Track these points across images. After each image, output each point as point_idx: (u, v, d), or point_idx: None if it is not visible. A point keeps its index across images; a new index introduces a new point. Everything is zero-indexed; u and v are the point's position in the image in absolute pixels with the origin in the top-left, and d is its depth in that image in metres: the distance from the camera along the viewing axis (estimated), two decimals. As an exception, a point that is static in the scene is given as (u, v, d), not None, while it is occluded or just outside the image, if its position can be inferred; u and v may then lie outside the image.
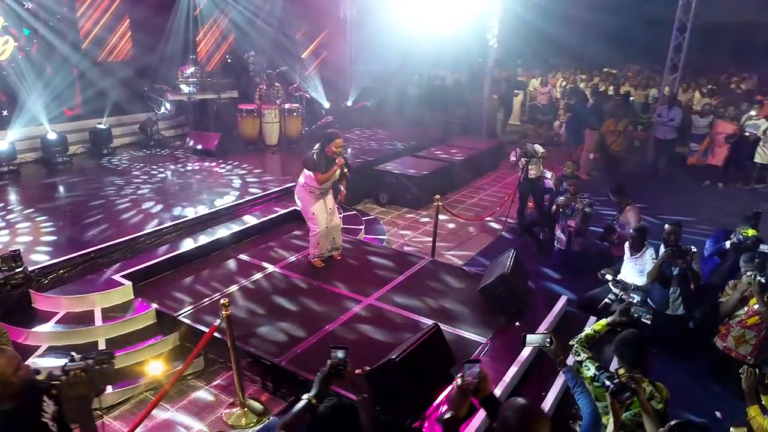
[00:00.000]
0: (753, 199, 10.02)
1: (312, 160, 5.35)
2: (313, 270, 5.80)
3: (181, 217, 6.50)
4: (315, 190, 5.52)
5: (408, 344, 3.88)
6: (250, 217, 6.92)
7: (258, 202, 7.33)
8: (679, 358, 4.98)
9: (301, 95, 10.55)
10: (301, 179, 5.60)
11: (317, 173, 5.36)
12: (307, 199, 5.57)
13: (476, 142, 11.83)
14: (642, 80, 14.79)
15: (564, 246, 6.70)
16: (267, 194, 7.52)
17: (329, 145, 5.33)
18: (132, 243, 5.82)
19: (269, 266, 5.86)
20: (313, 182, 5.45)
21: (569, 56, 20.04)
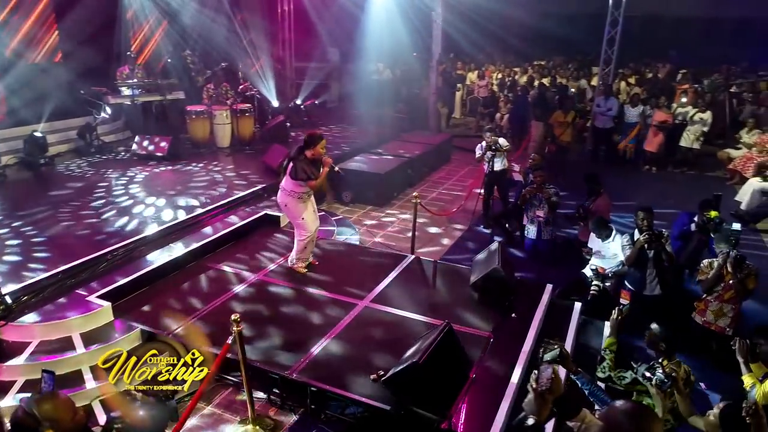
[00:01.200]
0: (685, 182, 10.90)
1: (302, 171, 5.16)
2: (297, 276, 5.66)
3: (147, 228, 6.14)
4: (303, 195, 5.38)
5: (425, 345, 3.89)
6: (220, 224, 6.65)
7: (225, 208, 7.04)
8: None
9: (253, 94, 10.20)
10: (285, 186, 5.40)
11: (311, 182, 5.22)
12: (295, 206, 5.40)
13: (428, 137, 11.97)
14: (573, 72, 15.54)
15: (534, 236, 6.95)
16: (234, 199, 7.24)
17: (314, 148, 5.20)
18: (100, 260, 5.42)
19: (251, 275, 5.65)
20: (300, 188, 5.30)
21: (499, 50, 20.76)
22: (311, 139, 5.25)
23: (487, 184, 7.90)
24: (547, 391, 2.30)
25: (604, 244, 5.84)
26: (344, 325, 4.76)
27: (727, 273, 4.75)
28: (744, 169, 10.44)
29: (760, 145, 10.28)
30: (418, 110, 14.11)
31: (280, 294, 5.34)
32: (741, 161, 10.54)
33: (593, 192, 6.58)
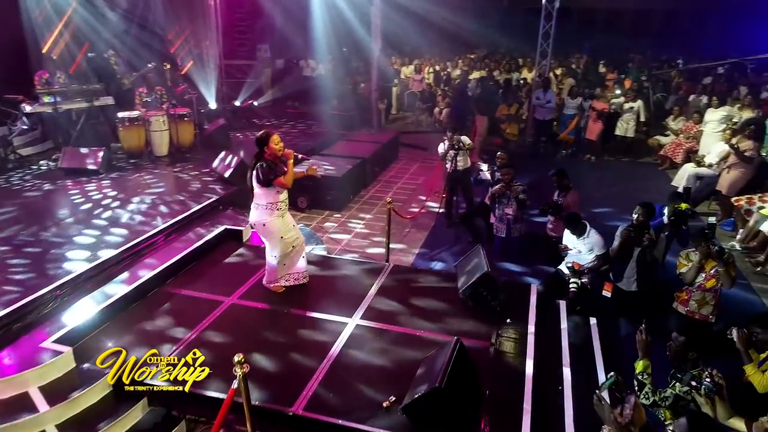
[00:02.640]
0: (622, 169, 11.43)
1: (267, 172, 4.73)
2: (276, 296, 5.27)
3: (93, 256, 5.48)
4: (280, 204, 4.95)
5: (440, 366, 3.70)
6: (177, 244, 6.08)
7: (180, 225, 6.46)
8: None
9: (191, 97, 9.47)
10: (258, 202, 4.95)
11: (279, 179, 4.78)
12: (276, 223, 4.96)
13: (376, 136, 11.76)
14: (506, 65, 15.86)
15: (504, 234, 6.94)
16: (189, 215, 6.66)
17: (267, 147, 4.77)
18: (47, 298, 4.75)
19: (224, 298, 5.19)
20: (275, 197, 4.88)
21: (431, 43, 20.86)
22: (262, 138, 4.82)
23: (449, 183, 7.81)
24: (631, 424, 2.18)
25: (579, 240, 5.91)
26: (339, 349, 4.46)
27: (709, 263, 4.93)
28: (674, 154, 11.11)
29: (686, 131, 10.96)
30: (355, 107, 13.81)
31: (261, 318, 4.94)
32: (670, 147, 11.19)
33: (563, 187, 6.65)
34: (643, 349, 3.66)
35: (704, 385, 2.89)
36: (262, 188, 4.82)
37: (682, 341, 3.34)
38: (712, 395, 2.86)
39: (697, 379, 2.99)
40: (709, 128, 9.93)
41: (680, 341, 3.35)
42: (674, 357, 3.42)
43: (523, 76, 15.30)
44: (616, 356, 4.95)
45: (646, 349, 3.67)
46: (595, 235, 5.84)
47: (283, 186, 4.85)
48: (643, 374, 3.61)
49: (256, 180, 4.79)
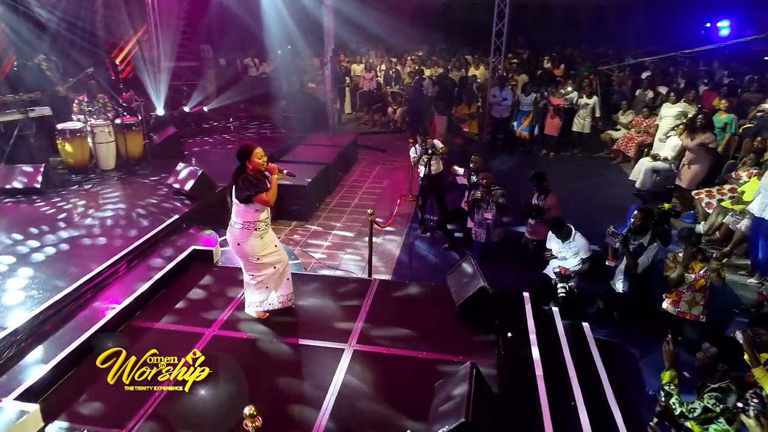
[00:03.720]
0: (578, 164, 11.64)
1: (247, 187, 4.34)
2: (260, 324, 4.88)
3: (47, 293, 4.89)
4: (259, 224, 4.54)
5: (460, 395, 3.49)
6: (142, 271, 5.56)
7: (143, 248, 5.91)
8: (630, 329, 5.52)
9: (139, 104, 8.75)
10: (236, 220, 4.55)
11: (260, 196, 4.37)
12: (252, 244, 4.53)
13: (335, 139, 11.40)
14: (456, 62, 15.85)
15: (483, 239, 6.83)
16: (151, 237, 6.10)
17: (249, 161, 4.38)
18: (2, 346, 4.16)
19: (204, 330, 4.76)
20: (254, 215, 4.47)
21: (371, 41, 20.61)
22: (244, 151, 4.41)
23: (423, 188, 7.63)
24: None
25: (564, 244, 5.88)
26: (341, 379, 4.16)
27: (697, 264, 4.99)
28: (626, 149, 11.43)
29: (636, 125, 11.31)
30: (306, 109, 13.35)
31: (249, 350, 4.55)
32: (623, 141, 11.51)
33: (542, 190, 6.60)
34: (670, 359, 3.61)
35: (752, 406, 2.83)
36: (240, 205, 4.43)
37: (713, 353, 3.29)
38: (762, 415, 2.81)
39: (743, 401, 2.93)
40: (665, 123, 10.23)
41: (711, 353, 3.30)
42: (703, 368, 3.37)
43: (472, 73, 15.37)
44: (614, 362, 4.94)
45: (672, 360, 3.62)
46: (580, 238, 5.83)
47: (265, 203, 4.47)
48: (670, 384, 3.56)
49: (237, 196, 4.41)
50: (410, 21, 18.69)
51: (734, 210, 7.24)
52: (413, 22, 19.32)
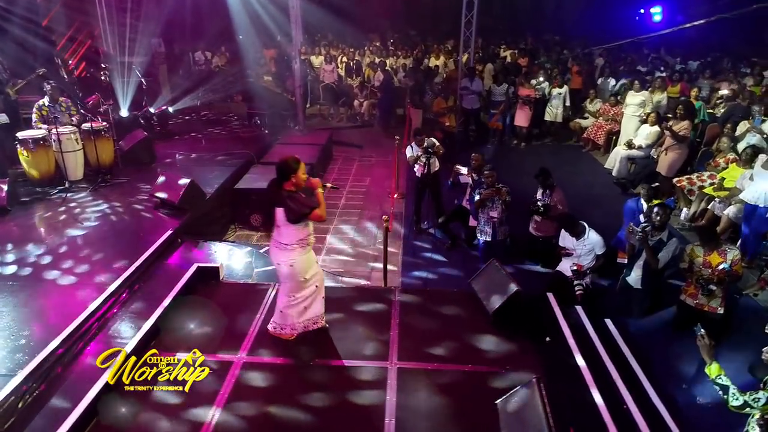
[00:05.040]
0: (550, 153, 11.80)
1: (300, 207, 4.06)
2: (289, 346, 4.60)
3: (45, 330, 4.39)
4: (310, 238, 4.31)
5: (537, 416, 3.40)
6: (145, 298, 5.10)
7: (138, 274, 5.43)
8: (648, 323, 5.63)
9: (107, 107, 8.02)
10: (283, 241, 4.22)
11: (315, 213, 4.12)
12: (303, 261, 4.28)
13: (311, 137, 11.02)
14: (418, 53, 15.69)
15: (490, 237, 6.77)
16: (147, 258, 5.61)
17: (296, 175, 4.09)
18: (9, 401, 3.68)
19: (232, 357, 4.42)
20: (304, 232, 4.22)
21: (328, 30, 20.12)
22: (287, 166, 4.09)
23: (420, 187, 7.46)
24: None
25: (579, 242, 5.90)
26: (395, 402, 3.97)
27: (715, 258, 5.12)
28: (596, 137, 11.72)
29: (604, 113, 11.60)
30: (270, 104, 12.82)
31: (286, 376, 4.26)
32: (592, 130, 11.79)
33: (547, 186, 6.60)
34: (709, 353, 3.62)
35: None
36: (291, 226, 4.13)
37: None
38: None
39: None
40: (630, 111, 10.53)
41: None
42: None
43: (433, 63, 15.26)
44: (646, 356, 5.00)
45: (711, 352, 3.64)
46: (594, 235, 5.86)
47: (320, 219, 4.25)
48: (720, 377, 3.58)
49: (287, 217, 4.09)
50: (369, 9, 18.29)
51: (718, 196, 7.54)
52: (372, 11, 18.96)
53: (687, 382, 4.79)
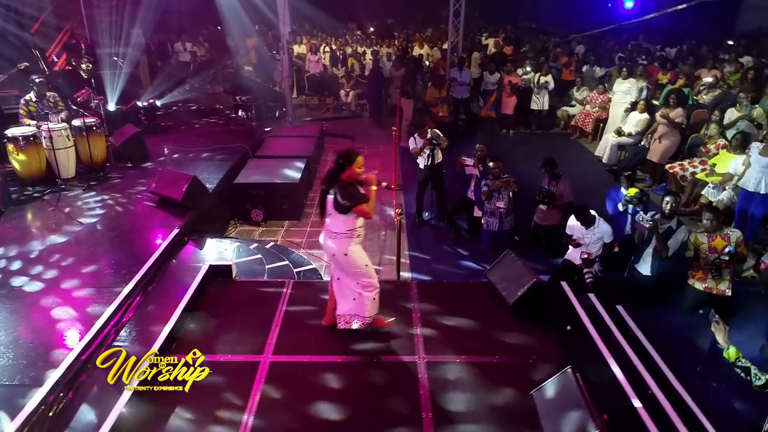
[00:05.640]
0: (539, 142, 11.91)
1: (349, 198, 4.05)
2: (314, 343, 4.56)
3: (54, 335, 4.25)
4: (359, 230, 4.30)
5: (579, 404, 3.46)
6: (160, 300, 4.99)
7: (152, 273, 5.29)
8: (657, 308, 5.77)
9: (98, 102, 7.74)
10: (336, 230, 4.22)
11: (361, 207, 4.09)
12: (356, 252, 4.30)
13: (303, 129, 10.87)
14: (403, 42, 15.62)
15: (496, 227, 6.82)
16: (155, 260, 5.46)
17: (351, 168, 4.10)
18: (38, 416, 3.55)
19: (258, 357, 4.36)
20: (354, 222, 4.21)
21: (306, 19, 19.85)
22: (345, 158, 4.13)
23: (424, 179, 7.45)
24: None
25: (588, 231, 5.99)
26: (430, 395, 3.97)
27: (720, 242, 5.27)
28: (584, 124, 11.88)
29: (591, 101, 11.75)
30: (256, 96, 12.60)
31: (316, 374, 4.22)
32: (580, 118, 11.94)
33: (553, 176, 6.67)
34: (724, 337, 3.72)
35: None
36: (340, 215, 4.13)
37: None
38: None
39: None
40: (617, 99, 10.70)
41: None
42: None
43: (417, 53, 15.22)
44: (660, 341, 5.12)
45: (727, 337, 3.74)
46: (603, 224, 5.96)
47: (365, 215, 4.21)
48: (740, 360, 3.68)
49: (335, 208, 4.09)
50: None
51: (712, 182, 7.74)
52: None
53: (701, 366, 4.95)
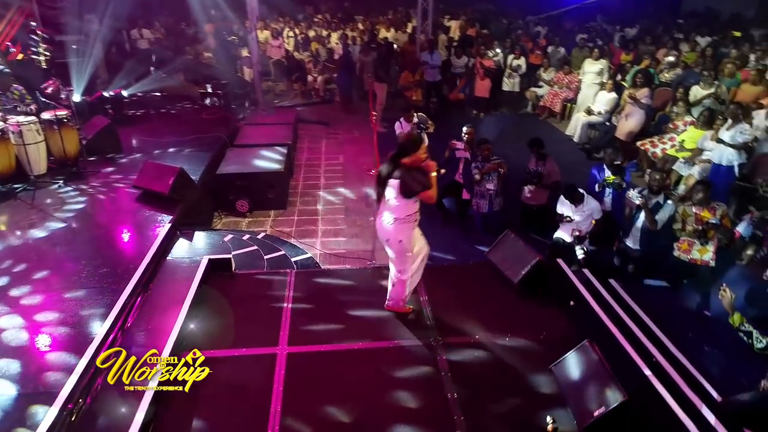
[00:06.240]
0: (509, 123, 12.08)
1: (415, 184, 4.07)
2: (326, 332, 4.55)
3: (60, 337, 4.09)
4: (417, 215, 4.33)
5: (602, 376, 3.62)
6: (162, 297, 4.85)
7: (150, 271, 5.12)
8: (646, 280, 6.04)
9: (68, 94, 7.32)
10: (397, 215, 4.21)
11: (428, 193, 4.13)
12: (410, 237, 4.34)
13: (278, 116, 10.64)
14: (369, 25, 15.46)
15: (486, 209, 6.93)
16: (154, 254, 5.29)
17: (416, 154, 4.10)
18: (60, 414, 3.42)
19: (274, 350, 4.31)
20: (413, 207, 4.23)
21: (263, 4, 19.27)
22: (410, 144, 4.14)
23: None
24: None
25: (578, 208, 6.17)
26: (450, 377, 4.04)
27: (705, 214, 5.55)
28: (552, 104, 12.15)
29: (558, 81, 12.02)
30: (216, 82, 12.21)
31: (332, 364, 4.23)
32: (548, 98, 12.20)
33: (540, 156, 6.81)
34: (730, 305, 3.98)
35: None
36: (403, 200, 4.13)
37: None
38: None
39: None
40: (588, 79, 10.98)
41: None
42: None
43: (383, 36, 15.12)
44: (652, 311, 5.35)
45: (733, 305, 4.00)
46: (592, 201, 6.16)
47: (430, 201, 4.25)
48: (743, 324, 3.93)
49: (402, 191, 4.07)
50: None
51: (682, 157, 8.10)
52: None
53: (693, 332, 5.23)
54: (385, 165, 4.20)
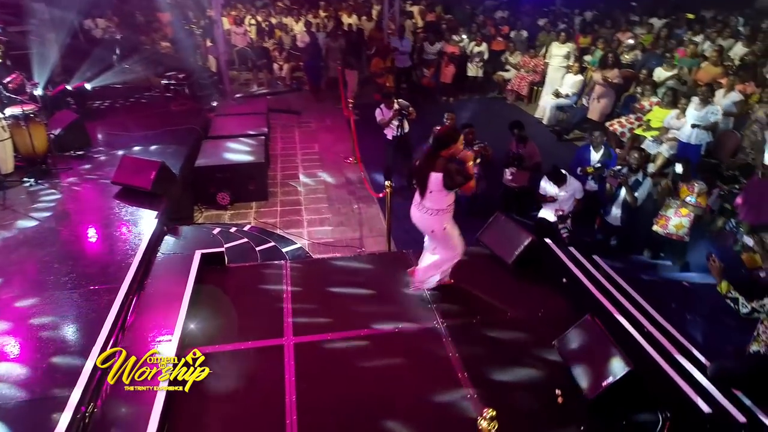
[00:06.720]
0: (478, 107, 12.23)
1: (457, 176, 4.14)
2: (332, 321, 4.56)
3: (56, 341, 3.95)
4: (452, 206, 4.42)
5: (607, 347, 3.77)
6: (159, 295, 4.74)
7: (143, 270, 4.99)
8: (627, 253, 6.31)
9: (32, 88, 6.95)
10: (437, 207, 4.30)
11: (470, 184, 4.24)
12: (451, 225, 4.49)
13: (251, 105, 10.42)
14: (332, 12, 15.27)
15: (470, 193, 7.03)
16: (145, 251, 5.15)
17: (454, 146, 4.15)
18: None
19: (280, 341, 4.30)
20: (451, 198, 4.35)
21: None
22: (448, 137, 4.19)
23: (394, 148, 7.49)
24: None
25: (561, 189, 6.36)
26: (459, 357, 4.14)
27: (684, 192, 5.83)
28: (519, 88, 12.38)
29: (524, 65, 12.25)
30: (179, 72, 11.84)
31: (343, 351, 4.25)
32: (516, 82, 12.42)
33: (521, 138, 6.96)
34: (719, 273, 4.20)
35: None
36: (443, 191, 4.19)
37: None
38: None
39: None
40: (556, 62, 11.24)
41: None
42: None
43: (346, 22, 14.97)
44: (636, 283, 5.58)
45: (721, 273, 4.22)
46: (574, 181, 6.36)
47: (470, 191, 4.37)
48: (730, 291, 4.16)
49: (443, 183, 4.13)
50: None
51: (650, 136, 8.43)
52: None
53: (675, 302, 5.50)
54: (424, 158, 4.25)
